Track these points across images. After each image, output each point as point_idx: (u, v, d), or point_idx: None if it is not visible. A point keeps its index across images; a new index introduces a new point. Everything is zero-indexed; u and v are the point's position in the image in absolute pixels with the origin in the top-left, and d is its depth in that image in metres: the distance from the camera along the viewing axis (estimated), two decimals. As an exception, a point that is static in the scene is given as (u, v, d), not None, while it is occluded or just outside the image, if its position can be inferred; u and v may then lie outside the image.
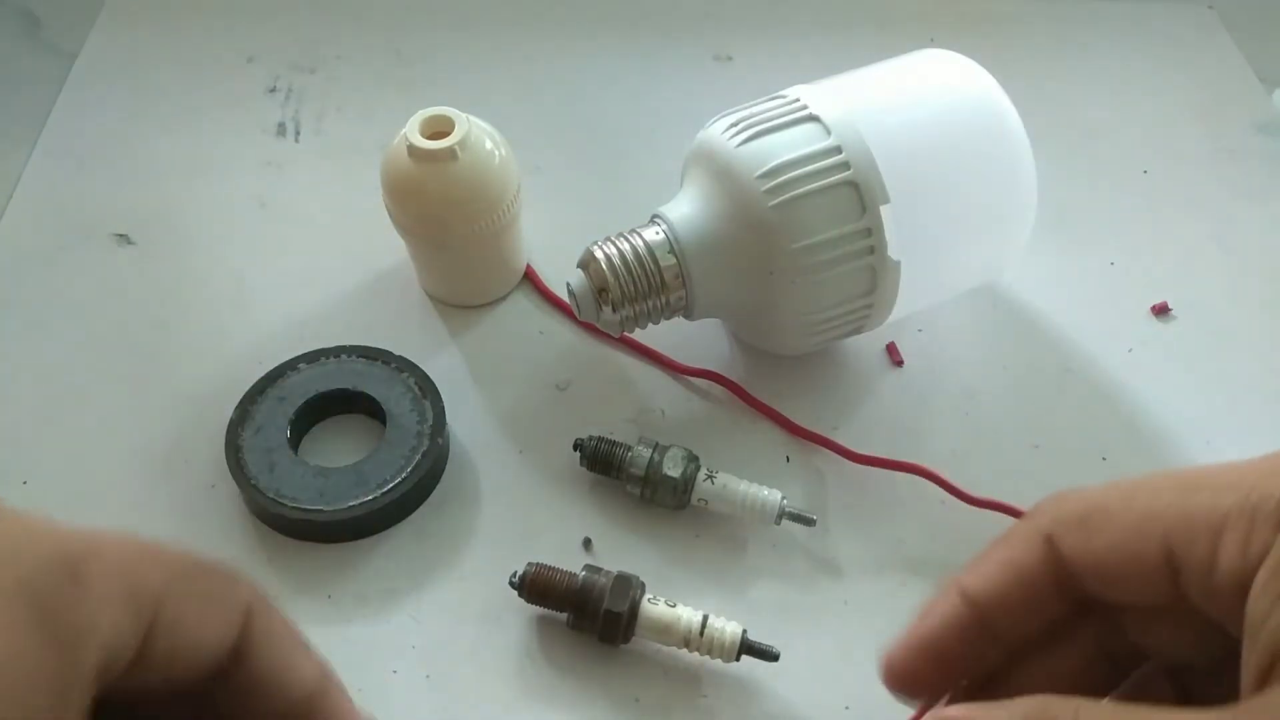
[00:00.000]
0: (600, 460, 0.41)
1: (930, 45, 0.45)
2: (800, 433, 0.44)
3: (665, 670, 0.38)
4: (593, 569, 0.38)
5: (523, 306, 0.49)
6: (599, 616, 0.37)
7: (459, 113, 0.43)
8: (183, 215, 0.52)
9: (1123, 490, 0.22)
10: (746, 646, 0.36)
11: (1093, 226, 0.52)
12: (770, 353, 0.46)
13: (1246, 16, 0.64)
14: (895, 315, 0.43)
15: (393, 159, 0.43)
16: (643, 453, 0.40)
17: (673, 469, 0.40)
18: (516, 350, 0.47)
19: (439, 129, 0.43)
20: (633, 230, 0.41)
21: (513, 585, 0.38)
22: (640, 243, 0.41)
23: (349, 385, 0.43)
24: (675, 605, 0.37)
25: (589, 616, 0.37)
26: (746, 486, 0.40)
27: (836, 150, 0.39)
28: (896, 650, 0.24)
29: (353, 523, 0.40)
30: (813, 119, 0.40)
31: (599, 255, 0.41)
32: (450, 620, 0.39)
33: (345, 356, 0.44)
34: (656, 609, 0.37)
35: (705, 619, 0.37)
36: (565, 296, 0.44)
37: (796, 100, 0.41)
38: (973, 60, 0.43)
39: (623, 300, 0.41)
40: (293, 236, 0.51)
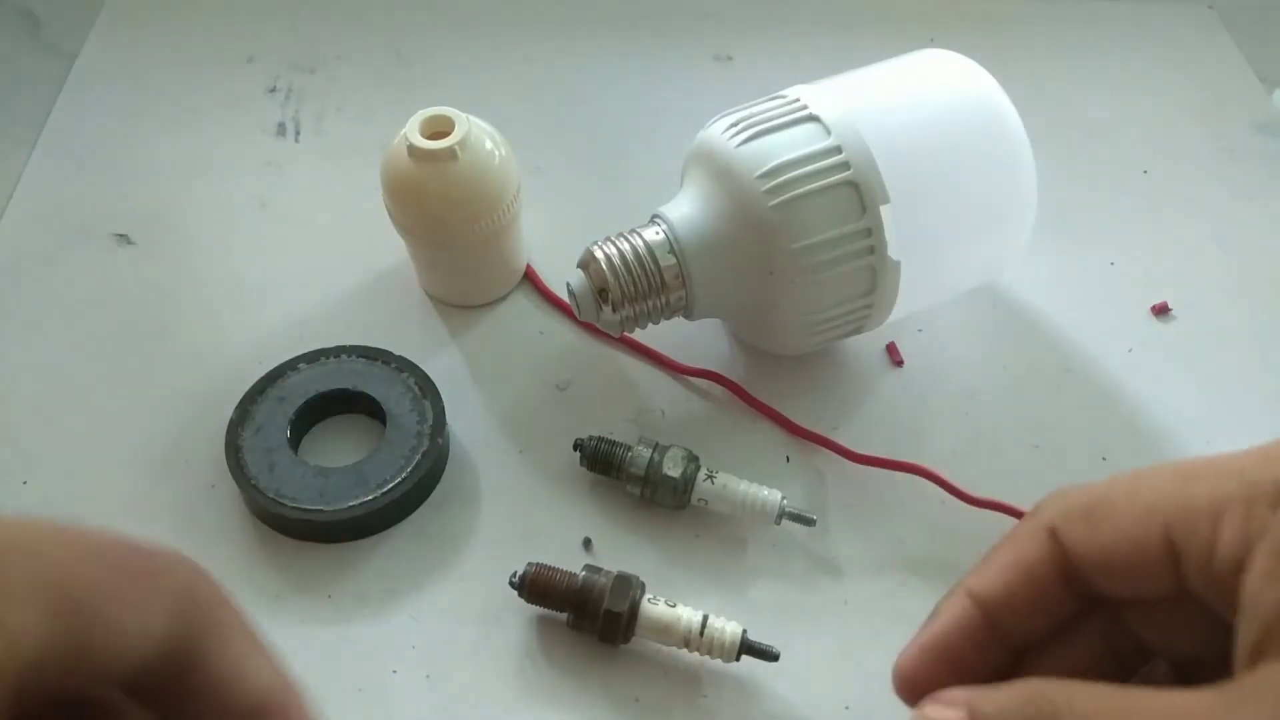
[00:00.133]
0: (600, 460, 0.41)
1: (930, 45, 0.45)
2: (800, 433, 0.44)
3: (665, 670, 0.38)
4: (593, 569, 0.38)
5: (523, 306, 0.49)
6: (599, 616, 0.37)
7: (459, 113, 0.43)
8: (183, 215, 0.52)
9: (1124, 483, 0.22)
10: (746, 646, 0.36)
11: (1093, 226, 0.52)
12: (770, 353, 0.46)
13: (1246, 16, 0.64)
14: (895, 315, 0.43)
15: (393, 159, 0.43)
16: (643, 453, 0.40)
17: (673, 469, 0.40)
18: (516, 350, 0.47)
19: (439, 129, 0.43)
20: (633, 230, 0.41)
21: (513, 585, 0.38)
22: (640, 243, 0.41)
23: (349, 385, 0.43)
24: (675, 605, 0.37)
25: (589, 616, 0.37)
26: (746, 486, 0.40)
27: (836, 150, 0.39)
28: (907, 655, 0.24)
29: (353, 523, 0.40)
30: (813, 119, 0.40)
31: (599, 255, 0.41)
32: (450, 620, 0.39)
33: (345, 356, 0.44)
34: (656, 609, 0.37)
35: (705, 619, 0.37)
36: (565, 296, 0.44)
37: (796, 100, 0.41)
38: (973, 60, 0.43)
39: (623, 300, 0.41)
40: (293, 236, 0.51)
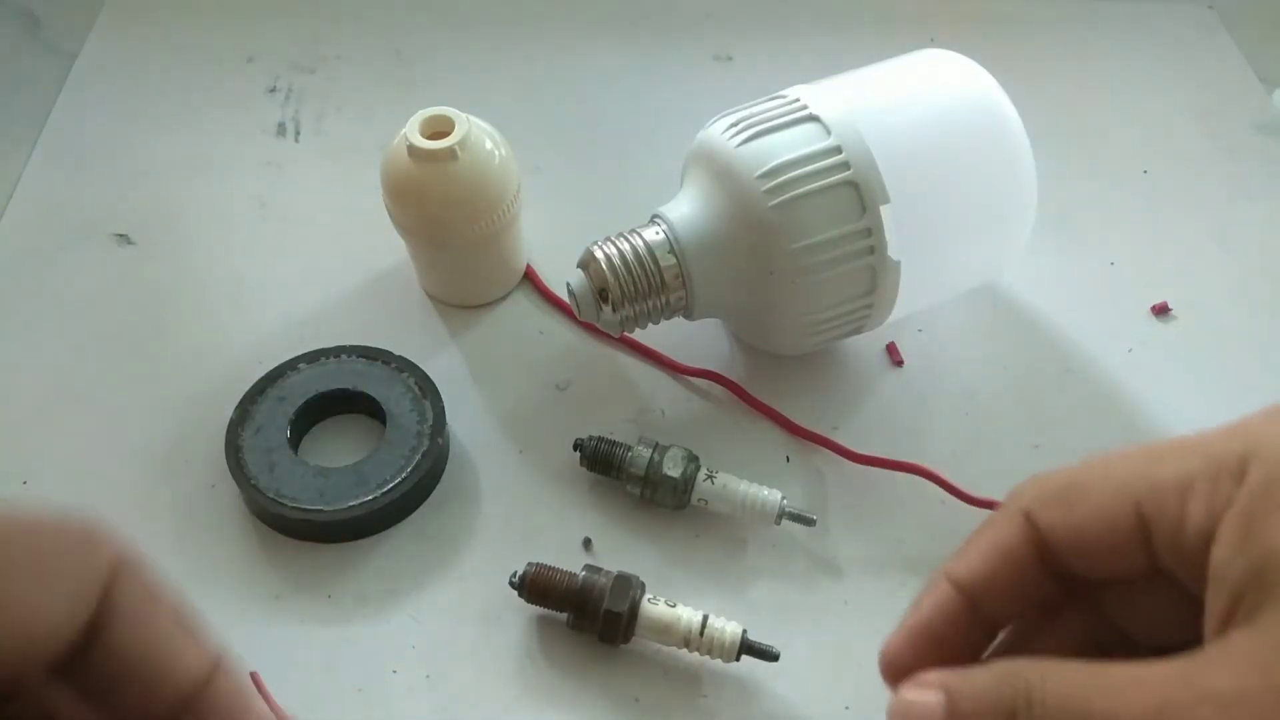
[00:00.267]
0: (600, 460, 0.41)
1: (930, 45, 0.45)
2: (800, 433, 0.44)
3: (665, 670, 0.38)
4: (593, 569, 0.38)
5: (523, 306, 0.49)
6: (599, 616, 0.37)
7: (459, 113, 0.43)
8: (182, 215, 0.52)
9: (1096, 465, 0.23)
10: (746, 646, 0.36)
11: (1093, 226, 0.52)
12: (770, 353, 0.46)
13: (1246, 16, 0.64)
14: (895, 315, 0.43)
15: (393, 159, 0.43)
16: (643, 453, 0.40)
17: (673, 469, 0.40)
18: (516, 350, 0.47)
19: (439, 129, 0.43)
20: (633, 230, 0.41)
21: (513, 585, 0.38)
22: (640, 243, 0.41)
23: (349, 385, 0.43)
24: (675, 605, 0.37)
25: (589, 616, 0.37)
26: (746, 486, 0.40)
27: (836, 150, 0.39)
28: (892, 642, 0.24)
29: (353, 523, 0.40)
30: (813, 119, 0.40)
31: (599, 255, 0.41)
32: (450, 620, 0.39)
33: (345, 356, 0.44)
34: (656, 609, 0.37)
35: (705, 619, 0.37)
36: (565, 296, 0.44)
37: (796, 100, 0.41)
38: (973, 60, 0.43)
39: (623, 300, 0.41)
40: (293, 236, 0.51)
